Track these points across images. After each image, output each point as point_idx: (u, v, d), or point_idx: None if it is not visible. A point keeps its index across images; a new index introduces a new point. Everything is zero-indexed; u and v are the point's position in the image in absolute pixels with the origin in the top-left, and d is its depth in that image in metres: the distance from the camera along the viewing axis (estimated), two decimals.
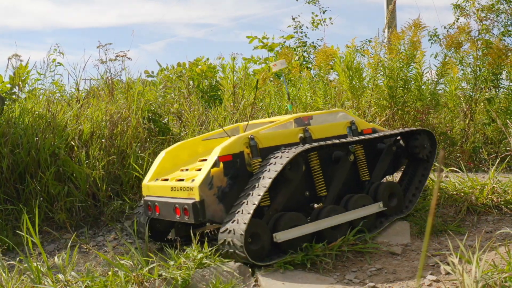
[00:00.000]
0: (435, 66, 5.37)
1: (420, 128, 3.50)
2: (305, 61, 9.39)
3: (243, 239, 2.52)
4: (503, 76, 5.41)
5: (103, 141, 4.21)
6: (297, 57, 8.95)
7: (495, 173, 3.53)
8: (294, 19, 10.23)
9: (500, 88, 5.46)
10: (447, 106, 5.46)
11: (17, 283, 2.46)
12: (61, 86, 5.53)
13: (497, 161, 3.89)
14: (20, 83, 4.72)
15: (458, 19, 7.85)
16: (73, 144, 4.12)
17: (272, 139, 3.02)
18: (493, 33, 6.41)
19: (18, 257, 2.85)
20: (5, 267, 2.58)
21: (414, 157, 3.49)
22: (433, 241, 3.04)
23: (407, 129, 3.44)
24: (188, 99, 5.60)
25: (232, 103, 5.33)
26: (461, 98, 5.43)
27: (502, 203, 3.40)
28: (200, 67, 7.43)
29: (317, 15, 10.56)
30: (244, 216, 2.58)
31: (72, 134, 4.19)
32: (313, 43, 10.10)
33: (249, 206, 2.62)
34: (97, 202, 3.97)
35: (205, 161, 2.96)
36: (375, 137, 3.24)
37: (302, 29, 10.17)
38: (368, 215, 3.10)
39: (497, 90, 5.43)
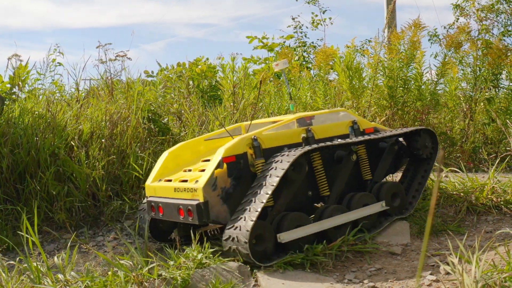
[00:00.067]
0: (435, 66, 5.38)
1: (423, 127, 3.50)
2: (305, 61, 9.39)
3: (248, 239, 2.52)
4: (503, 76, 5.41)
5: (103, 141, 4.21)
6: (297, 57, 8.95)
7: (495, 173, 3.53)
8: (294, 19, 10.23)
9: (500, 88, 5.46)
10: (447, 106, 5.46)
11: (16, 283, 2.46)
12: (61, 86, 5.54)
13: (497, 161, 3.89)
14: (20, 83, 4.72)
15: (458, 19, 7.84)
16: (73, 144, 4.12)
17: (275, 139, 3.01)
18: (493, 33, 6.40)
19: (18, 257, 2.85)
20: (5, 267, 2.58)
21: (416, 156, 3.49)
22: (433, 241, 3.04)
23: (411, 128, 3.44)
24: (188, 99, 5.60)
25: (232, 103, 5.33)
26: (461, 98, 5.43)
27: (502, 203, 3.40)
28: (200, 67, 7.42)
29: (317, 15, 10.56)
30: (251, 214, 2.58)
31: (72, 134, 4.19)
32: (313, 43, 10.10)
33: (256, 204, 2.62)
34: (97, 202, 3.97)
35: (208, 162, 2.96)
36: (380, 137, 3.23)
37: (302, 29, 10.17)
38: (371, 214, 3.10)
39: (497, 90, 5.43)
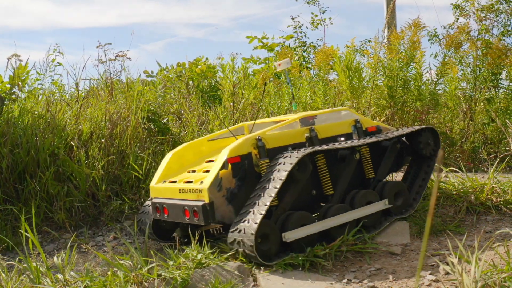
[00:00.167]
0: (435, 66, 5.37)
1: (425, 126, 3.51)
2: (304, 61, 9.40)
3: (254, 238, 2.52)
4: (503, 76, 5.40)
5: (102, 141, 4.21)
6: (296, 57, 8.96)
7: (494, 173, 3.53)
8: (293, 19, 10.25)
9: (499, 88, 5.46)
10: (446, 106, 5.46)
11: (16, 282, 2.46)
12: (61, 86, 5.55)
13: (497, 161, 3.89)
14: (19, 83, 4.72)
15: (458, 19, 7.84)
16: (73, 144, 4.11)
17: (279, 139, 3.02)
18: (493, 33, 6.40)
19: (18, 257, 2.85)
20: (4, 267, 2.58)
21: (418, 154, 3.49)
22: (433, 241, 3.04)
23: (417, 127, 3.44)
24: (188, 99, 5.60)
25: (231, 103, 5.33)
26: (461, 98, 5.43)
27: (502, 203, 3.40)
28: (199, 67, 7.43)
29: (316, 15, 10.58)
30: (257, 213, 2.59)
31: (71, 134, 4.19)
32: (312, 43, 10.12)
33: (262, 203, 2.62)
34: (97, 202, 3.97)
35: (212, 162, 2.95)
36: (388, 138, 3.23)
37: (302, 29, 10.19)
38: (374, 212, 3.10)
39: (496, 90, 5.43)
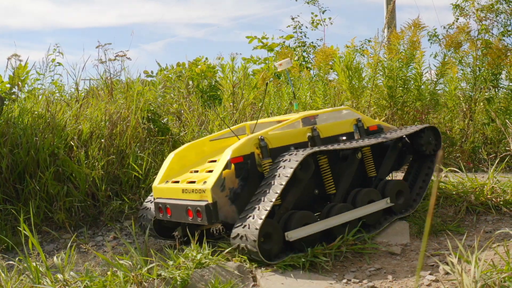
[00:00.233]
0: (435, 66, 5.37)
1: (427, 125, 3.51)
2: (304, 61, 9.40)
3: (257, 237, 2.52)
4: (503, 76, 5.40)
5: (102, 141, 4.21)
6: (296, 57, 8.95)
7: (494, 173, 3.53)
8: (293, 19, 10.25)
9: (499, 88, 5.45)
10: (446, 106, 5.46)
11: (16, 282, 2.46)
12: (61, 86, 5.54)
13: (497, 161, 3.89)
14: (19, 83, 4.72)
15: (458, 19, 7.84)
16: (73, 144, 4.11)
17: (281, 139, 3.02)
18: (493, 33, 6.40)
19: (18, 257, 2.85)
20: (4, 267, 2.57)
21: (420, 153, 3.49)
22: (432, 241, 3.04)
23: (420, 126, 3.44)
24: (188, 99, 5.60)
25: (231, 103, 5.33)
26: (461, 98, 5.43)
27: (502, 203, 3.40)
28: (199, 67, 7.42)
29: (316, 15, 10.58)
30: (260, 212, 2.59)
31: (71, 134, 4.19)
32: (312, 43, 10.11)
33: (265, 203, 2.63)
34: (97, 202, 3.97)
35: (215, 162, 2.95)
36: (392, 138, 3.23)
37: (302, 29, 10.19)
38: (376, 211, 3.10)
39: (496, 90, 5.43)
